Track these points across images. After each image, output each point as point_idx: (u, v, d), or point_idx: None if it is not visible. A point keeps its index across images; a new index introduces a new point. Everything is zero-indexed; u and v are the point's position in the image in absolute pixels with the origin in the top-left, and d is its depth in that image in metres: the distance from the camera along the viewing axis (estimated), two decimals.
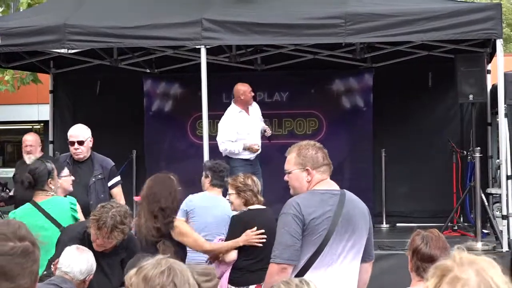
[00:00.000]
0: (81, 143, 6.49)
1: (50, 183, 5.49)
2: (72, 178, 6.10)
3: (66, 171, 6.11)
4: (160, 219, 5.06)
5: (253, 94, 8.93)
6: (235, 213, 5.83)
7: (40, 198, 5.44)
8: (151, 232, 5.07)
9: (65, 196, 5.72)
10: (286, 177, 4.12)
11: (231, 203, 5.80)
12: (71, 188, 5.99)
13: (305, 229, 3.86)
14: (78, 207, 5.51)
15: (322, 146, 4.18)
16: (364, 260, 4.11)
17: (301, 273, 3.85)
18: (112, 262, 4.74)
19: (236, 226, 5.56)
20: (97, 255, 4.54)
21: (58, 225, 5.29)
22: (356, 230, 3.99)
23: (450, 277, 1.91)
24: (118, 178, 6.78)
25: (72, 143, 6.51)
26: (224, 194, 6.38)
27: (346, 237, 3.93)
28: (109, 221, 4.53)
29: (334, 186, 4.08)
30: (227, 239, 5.57)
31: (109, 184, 6.62)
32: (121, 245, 4.71)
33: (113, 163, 6.78)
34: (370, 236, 4.15)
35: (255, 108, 9.03)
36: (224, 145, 8.58)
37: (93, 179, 6.47)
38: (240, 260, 5.48)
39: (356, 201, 4.11)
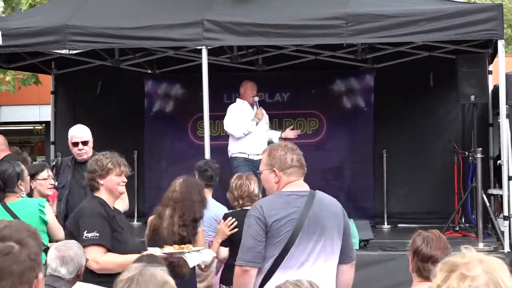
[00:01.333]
0: (85, 143, 6.43)
1: (21, 184, 5.49)
2: (52, 182, 6.05)
3: (44, 174, 6.07)
4: (189, 228, 5.01)
5: (254, 92, 8.96)
6: (224, 212, 5.90)
7: (10, 199, 5.46)
8: (174, 238, 5.01)
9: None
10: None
11: None
12: (48, 192, 5.94)
13: (268, 231, 3.84)
14: (47, 209, 5.47)
15: (296, 148, 4.12)
16: (342, 261, 4.05)
17: (268, 276, 3.85)
18: (122, 218, 4.80)
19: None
20: (115, 214, 4.60)
21: None
22: (326, 231, 3.92)
23: (459, 273, 1.91)
24: None
25: (76, 144, 6.41)
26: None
27: (314, 238, 3.88)
28: (116, 158, 4.67)
29: (304, 187, 4.03)
30: (216, 237, 5.58)
31: None
32: None
33: None
34: (346, 236, 4.07)
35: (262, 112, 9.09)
36: (239, 128, 8.71)
37: None
38: (230, 259, 5.47)
39: (327, 202, 4.05)
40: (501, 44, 7.53)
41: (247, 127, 8.75)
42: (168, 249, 4.64)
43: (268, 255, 3.87)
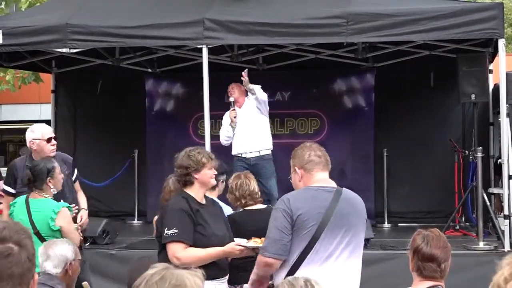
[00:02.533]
0: (56, 139, 6.35)
1: (50, 182, 5.47)
2: None
3: None
4: None
5: (231, 93, 8.79)
6: (228, 212, 5.88)
7: (34, 196, 5.45)
8: None
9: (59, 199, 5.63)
10: None
11: None
12: None
13: (294, 224, 3.87)
14: (61, 215, 5.33)
15: (315, 145, 4.19)
16: None
17: (293, 270, 3.86)
18: (213, 210, 4.84)
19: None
20: (200, 208, 4.65)
21: (33, 226, 5.27)
22: (352, 228, 3.97)
23: None
24: (76, 171, 6.60)
25: (50, 140, 6.24)
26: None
27: (340, 234, 3.92)
28: (207, 152, 4.77)
29: (331, 183, 4.08)
30: None
31: (73, 178, 6.47)
32: None
33: (71, 157, 6.64)
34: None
35: (250, 101, 8.83)
36: (221, 137, 8.77)
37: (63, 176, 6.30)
38: (234, 259, 5.47)
39: (353, 199, 4.10)
40: (501, 43, 7.53)
41: (225, 134, 8.75)
42: (254, 242, 4.64)
43: (294, 249, 3.89)
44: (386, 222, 10.24)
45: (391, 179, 10.34)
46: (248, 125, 8.65)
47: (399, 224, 10.19)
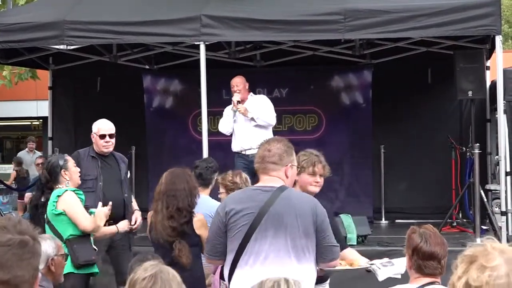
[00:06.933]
0: (112, 136, 6.52)
1: (65, 174, 5.53)
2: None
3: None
4: (176, 218, 4.99)
5: (238, 87, 8.41)
6: None
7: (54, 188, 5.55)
8: (166, 230, 5.04)
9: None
10: None
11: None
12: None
13: (227, 224, 3.91)
14: (62, 198, 5.36)
15: (270, 141, 4.28)
16: (318, 261, 3.94)
17: (231, 270, 3.89)
18: None
19: None
20: None
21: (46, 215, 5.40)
22: (287, 229, 3.81)
23: (478, 264, 1.92)
24: (129, 173, 6.99)
25: (103, 136, 6.46)
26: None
27: (271, 234, 3.80)
28: (312, 158, 4.80)
29: (272, 183, 3.96)
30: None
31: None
32: None
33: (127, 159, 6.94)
34: (320, 237, 3.87)
35: (254, 100, 8.62)
36: (222, 126, 8.57)
37: (123, 174, 6.58)
38: None
39: (295, 199, 3.94)
40: (498, 39, 7.54)
41: (226, 120, 8.49)
42: (342, 267, 4.51)
43: (229, 250, 3.92)
44: (383, 219, 10.26)
45: (389, 175, 10.35)
46: (249, 122, 8.50)
47: (397, 221, 10.21)
